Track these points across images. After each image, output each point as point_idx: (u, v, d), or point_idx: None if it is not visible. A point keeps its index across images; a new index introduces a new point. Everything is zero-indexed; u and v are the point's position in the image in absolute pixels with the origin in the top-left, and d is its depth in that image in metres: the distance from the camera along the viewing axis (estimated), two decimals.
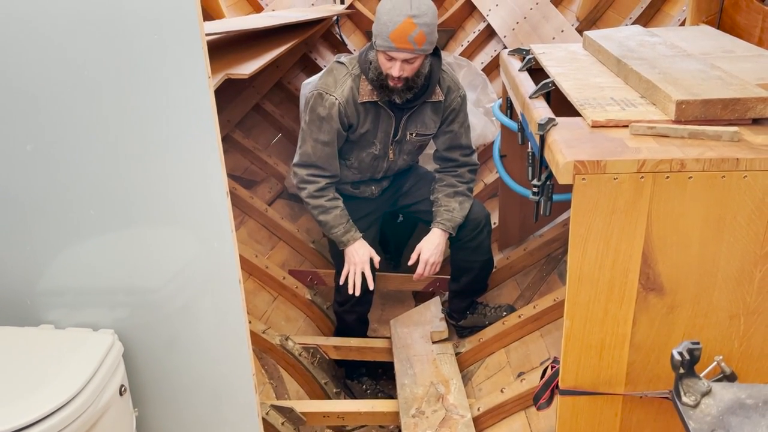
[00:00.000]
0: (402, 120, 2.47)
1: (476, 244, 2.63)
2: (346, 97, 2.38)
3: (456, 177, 2.58)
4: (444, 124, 2.55)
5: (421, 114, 2.49)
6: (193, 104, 1.47)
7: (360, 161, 2.57)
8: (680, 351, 1.00)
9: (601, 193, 1.44)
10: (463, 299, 2.79)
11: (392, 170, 2.65)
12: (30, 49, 1.45)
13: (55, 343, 1.62)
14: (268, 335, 2.68)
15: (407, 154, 2.61)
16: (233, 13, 3.92)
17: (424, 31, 2.21)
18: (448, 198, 2.55)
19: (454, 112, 2.53)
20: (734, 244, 1.47)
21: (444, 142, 2.58)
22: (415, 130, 2.51)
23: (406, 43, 2.22)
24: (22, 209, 1.61)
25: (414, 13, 2.19)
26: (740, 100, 1.55)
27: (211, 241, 1.62)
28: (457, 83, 2.54)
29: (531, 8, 3.89)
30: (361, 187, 2.67)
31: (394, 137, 2.51)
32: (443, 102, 2.50)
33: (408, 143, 2.55)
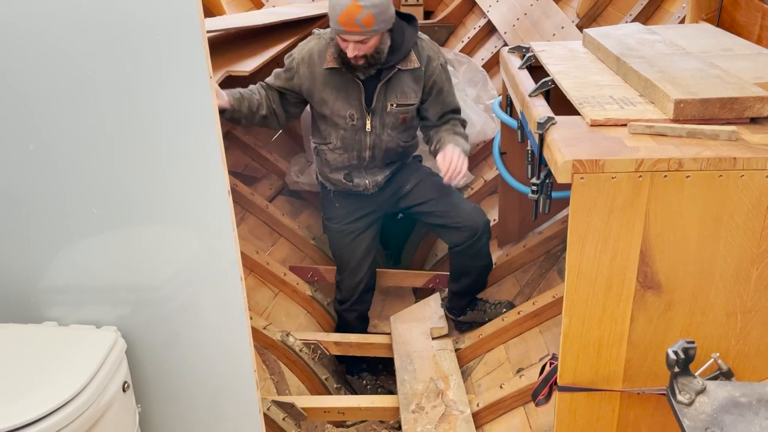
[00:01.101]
0: (377, 89, 2.46)
1: (475, 251, 2.65)
2: (303, 55, 2.49)
3: (452, 124, 2.57)
4: (430, 95, 2.54)
5: (399, 83, 2.48)
6: (194, 104, 1.48)
7: (341, 139, 2.56)
8: (675, 350, 1.02)
9: (600, 192, 1.46)
10: (463, 298, 2.81)
11: (380, 148, 2.57)
12: (32, 50, 1.46)
13: (58, 340, 1.64)
14: (269, 331, 2.70)
15: (391, 129, 2.55)
16: (233, 9, 3.93)
17: (372, 13, 2.23)
18: (449, 133, 2.51)
19: (437, 82, 2.53)
20: (731, 243, 1.48)
21: (435, 112, 2.57)
22: (395, 101, 2.50)
23: (353, 26, 2.25)
24: (25, 207, 1.62)
25: None
26: (738, 99, 1.56)
27: (213, 239, 1.63)
28: (436, 51, 2.54)
29: (531, 4, 3.88)
30: (354, 179, 2.64)
31: (369, 106, 2.49)
32: (423, 71, 2.49)
33: (389, 115, 2.52)
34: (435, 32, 4.48)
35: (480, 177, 3.57)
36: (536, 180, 1.78)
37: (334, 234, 2.80)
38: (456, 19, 4.50)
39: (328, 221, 2.81)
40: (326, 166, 2.67)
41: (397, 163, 2.71)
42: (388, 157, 2.64)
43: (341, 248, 2.79)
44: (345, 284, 2.84)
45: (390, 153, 2.63)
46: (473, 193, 3.52)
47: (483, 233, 2.63)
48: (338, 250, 2.82)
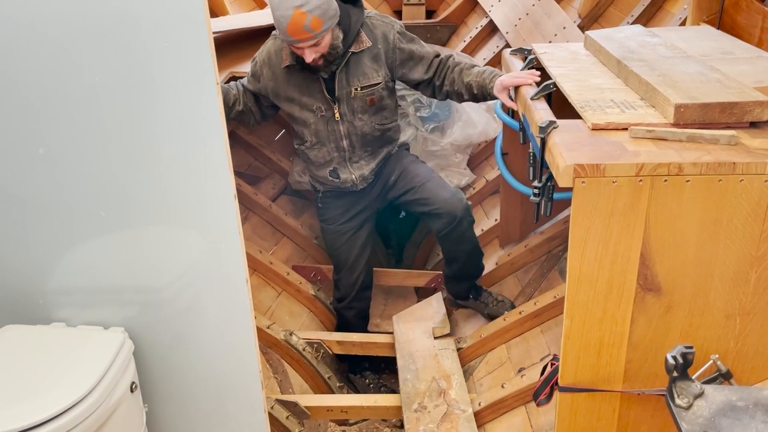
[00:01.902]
0: (335, 77, 2.47)
1: (457, 236, 2.66)
2: (263, 58, 2.52)
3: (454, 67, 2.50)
4: (404, 65, 2.52)
5: (357, 65, 2.48)
6: (201, 108, 1.50)
7: (315, 134, 2.57)
8: (674, 355, 1.04)
9: (601, 195, 1.48)
10: (459, 282, 2.86)
11: (356, 134, 2.56)
12: (41, 57, 1.49)
13: (67, 340, 1.66)
14: (272, 330, 2.73)
15: (362, 113, 2.54)
16: (236, 9, 3.94)
17: (316, 15, 2.22)
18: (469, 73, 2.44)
19: (403, 50, 2.50)
20: (730, 246, 1.50)
21: (421, 72, 2.53)
22: (358, 84, 2.49)
23: (303, 33, 2.24)
24: (35, 210, 1.65)
25: (299, 3, 2.19)
26: (738, 104, 1.58)
27: (219, 241, 1.65)
28: (389, 23, 2.51)
29: (533, 4, 3.89)
30: (340, 175, 2.65)
31: (332, 95, 2.50)
32: (381, 48, 2.48)
33: (356, 99, 2.50)
34: (437, 31, 4.50)
35: (482, 177, 3.59)
36: (538, 183, 1.80)
37: (329, 235, 2.84)
38: (458, 19, 4.51)
39: (323, 222, 2.85)
40: (311, 164, 2.70)
41: (381, 152, 2.69)
42: (367, 143, 2.62)
43: (337, 248, 2.83)
44: (343, 282, 2.89)
45: (368, 139, 2.61)
46: (475, 193, 3.54)
47: (462, 218, 2.63)
48: (334, 250, 2.86)
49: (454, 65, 2.50)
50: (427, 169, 2.79)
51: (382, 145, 2.69)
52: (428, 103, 3.47)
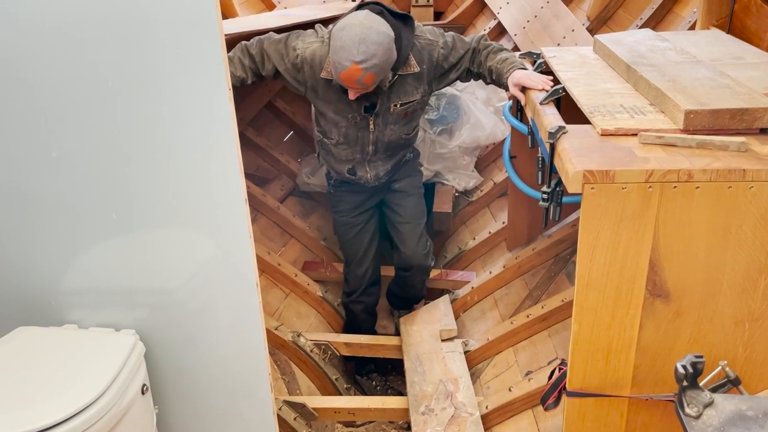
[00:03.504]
0: (379, 97, 2.47)
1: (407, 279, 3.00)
2: (306, 56, 2.41)
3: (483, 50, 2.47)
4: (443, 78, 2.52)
5: (401, 86, 2.47)
6: (213, 113, 1.51)
7: (344, 135, 2.58)
8: (684, 364, 1.04)
9: (610, 201, 1.48)
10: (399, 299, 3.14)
11: (383, 142, 2.61)
12: (56, 60, 1.50)
13: (79, 342, 1.68)
14: (280, 332, 2.74)
15: (395, 124, 2.57)
16: (246, 11, 3.96)
17: (372, 72, 2.21)
18: (493, 57, 2.42)
19: (444, 65, 2.49)
20: (739, 253, 1.50)
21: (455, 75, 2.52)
22: (398, 101, 2.50)
23: (354, 84, 2.25)
24: (48, 212, 1.67)
25: (360, 59, 2.17)
26: (748, 111, 1.58)
27: (230, 244, 1.66)
28: (433, 41, 2.46)
29: (542, 6, 3.89)
30: (357, 173, 2.69)
31: (371, 110, 2.50)
32: (425, 69, 2.46)
33: (393, 114, 2.53)
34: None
35: (489, 179, 3.60)
36: (547, 188, 1.81)
37: (341, 227, 2.90)
38: (466, 21, 4.52)
39: (335, 214, 2.92)
40: (332, 157, 2.72)
41: (398, 155, 2.74)
42: (390, 149, 2.67)
43: (348, 240, 2.90)
44: (352, 276, 2.94)
45: (392, 145, 2.66)
46: (483, 195, 3.55)
47: (417, 269, 2.88)
48: (345, 242, 2.94)
49: (483, 48, 2.47)
50: (414, 210, 2.87)
51: (401, 149, 2.74)
52: (436, 106, 3.48)
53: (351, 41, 2.17)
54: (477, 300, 3.02)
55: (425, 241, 2.90)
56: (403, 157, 2.79)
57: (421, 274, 2.96)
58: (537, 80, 2.13)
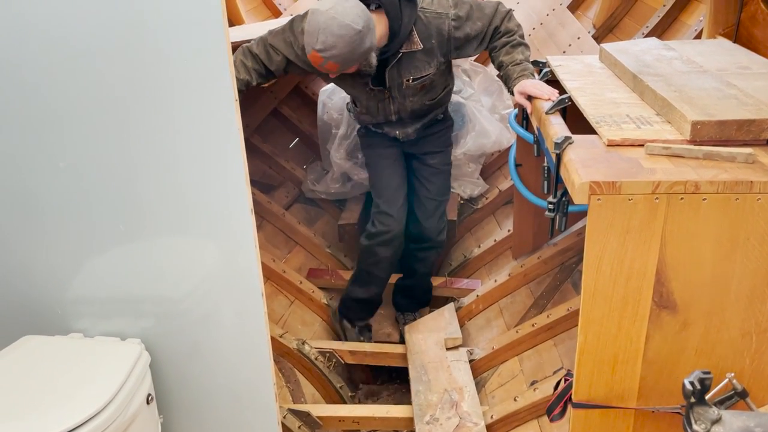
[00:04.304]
0: (386, 73, 2.46)
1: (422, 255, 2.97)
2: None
3: (504, 35, 2.44)
4: (461, 48, 2.47)
5: (409, 62, 2.46)
6: (219, 124, 1.52)
7: (366, 106, 2.65)
8: (691, 380, 1.03)
9: (616, 213, 1.47)
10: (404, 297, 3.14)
11: (406, 111, 2.63)
12: (65, 71, 1.51)
13: (84, 352, 1.68)
14: (285, 339, 2.74)
15: (413, 96, 2.57)
16: (252, 17, 3.98)
17: (334, 61, 2.21)
18: (509, 53, 2.40)
19: (457, 39, 2.43)
20: (747, 265, 1.50)
21: (473, 48, 2.49)
22: (410, 76, 2.49)
23: (320, 68, 2.28)
24: (55, 221, 1.68)
25: (319, 48, 2.18)
26: (755, 122, 1.57)
27: (235, 253, 1.67)
28: (442, 14, 2.41)
29: (547, 14, 3.90)
30: (384, 129, 2.76)
31: (382, 85, 2.51)
32: (435, 44, 2.43)
33: (409, 88, 2.53)
34: None
35: (495, 187, 3.59)
36: (553, 198, 1.80)
37: (373, 159, 2.89)
38: None
39: (366, 149, 2.94)
40: (359, 115, 2.78)
41: (429, 115, 2.74)
42: (415, 114, 2.70)
43: (379, 173, 2.86)
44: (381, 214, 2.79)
45: (417, 112, 2.68)
46: (488, 203, 3.54)
47: (431, 245, 2.93)
48: (376, 176, 2.87)
49: (505, 33, 2.43)
50: (442, 187, 2.91)
51: (429, 111, 2.73)
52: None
53: (313, 28, 2.18)
54: (482, 308, 3.01)
55: (445, 219, 2.93)
56: (435, 116, 2.78)
57: (435, 250, 2.98)
58: (543, 90, 2.13)
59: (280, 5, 4.22)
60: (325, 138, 3.57)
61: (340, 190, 3.54)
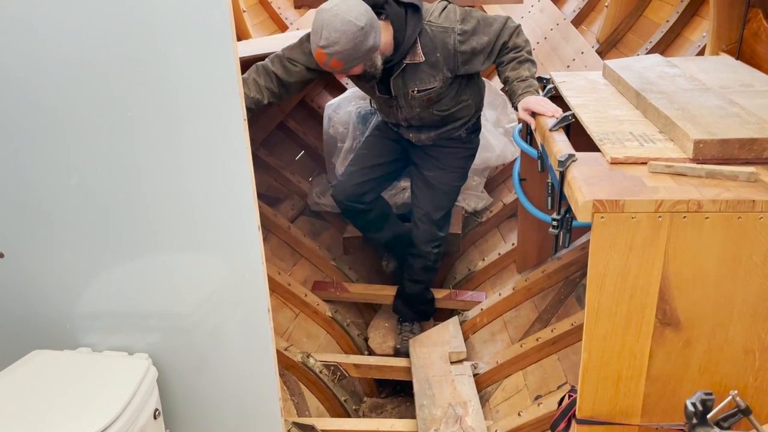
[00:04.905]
0: (390, 82, 2.52)
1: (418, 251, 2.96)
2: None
3: (511, 51, 2.47)
4: (468, 62, 2.49)
5: (414, 73, 2.49)
6: (228, 142, 1.54)
7: (379, 109, 2.80)
8: (693, 401, 1.04)
9: (620, 231, 1.49)
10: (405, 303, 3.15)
11: (413, 117, 2.67)
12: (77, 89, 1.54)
13: (92, 367, 1.70)
14: (290, 352, 2.75)
15: (420, 107, 2.60)
16: (259, 32, 4.02)
17: (337, 58, 2.26)
18: (515, 69, 2.43)
19: (463, 53, 2.46)
20: (749, 283, 1.50)
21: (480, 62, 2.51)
22: (415, 87, 2.53)
23: (324, 66, 2.33)
24: (65, 237, 1.70)
25: (323, 44, 2.23)
26: (757, 141, 1.58)
27: (243, 269, 1.69)
28: (448, 27, 2.43)
29: (551, 29, 3.93)
30: (399, 129, 2.83)
31: (388, 94, 2.57)
32: (440, 57, 2.46)
33: (414, 98, 2.57)
34: None
35: (499, 200, 3.61)
36: (557, 215, 1.81)
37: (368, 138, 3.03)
38: None
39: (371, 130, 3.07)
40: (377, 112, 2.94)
41: (444, 128, 2.75)
42: (426, 124, 2.73)
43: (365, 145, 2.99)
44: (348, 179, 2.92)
45: (427, 121, 2.70)
46: (492, 216, 3.56)
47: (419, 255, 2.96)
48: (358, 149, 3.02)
49: (513, 48, 2.46)
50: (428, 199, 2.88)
51: (445, 123, 2.74)
52: None
53: (317, 26, 2.24)
54: (486, 322, 3.01)
55: (435, 232, 2.91)
56: (453, 130, 2.77)
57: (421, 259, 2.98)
58: (547, 107, 2.15)
59: (286, 19, 4.26)
60: (330, 151, 3.60)
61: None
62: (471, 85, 2.68)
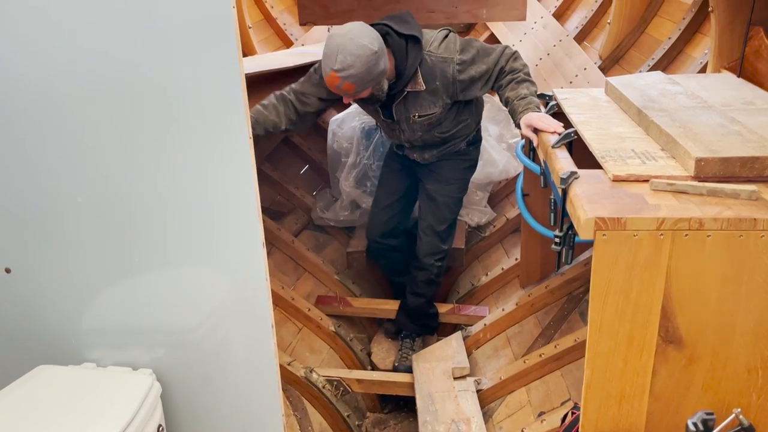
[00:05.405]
0: (393, 108, 2.63)
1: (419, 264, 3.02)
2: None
3: (508, 74, 2.53)
4: (467, 90, 2.58)
5: (415, 100, 2.60)
6: (234, 158, 1.55)
7: (383, 128, 2.89)
8: (695, 421, 1.05)
9: (622, 248, 1.49)
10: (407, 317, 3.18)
11: (416, 139, 2.78)
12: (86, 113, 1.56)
13: (97, 382, 1.70)
14: (293, 367, 2.75)
15: (421, 131, 2.72)
16: (264, 48, 4.05)
17: (350, 81, 2.34)
18: (514, 89, 2.46)
19: (462, 82, 2.55)
20: (752, 300, 1.51)
21: (479, 88, 2.59)
22: (416, 113, 2.64)
23: (336, 89, 2.40)
24: (71, 253, 1.71)
25: (337, 68, 2.31)
26: (759, 159, 1.59)
27: (246, 285, 1.69)
28: (448, 58, 2.52)
29: (554, 45, 3.95)
30: (405, 150, 2.93)
31: (391, 119, 2.69)
32: (439, 85, 2.55)
33: (416, 123, 2.68)
34: None
35: (502, 215, 3.61)
36: (559, 232, 1.82)
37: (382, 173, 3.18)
38: None
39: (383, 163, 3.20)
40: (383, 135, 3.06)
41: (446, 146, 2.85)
42: (428, 145, 2.83)
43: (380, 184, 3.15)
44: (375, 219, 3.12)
45: (429, 142, 2.81)
46: (495, 230, 3.56)
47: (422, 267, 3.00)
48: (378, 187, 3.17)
49: (510, 71, 2.52)
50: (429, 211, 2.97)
51: (446, 142, 2.84)
52: None
53: (332, 50, 2.32)
54: (490, 337, 3.01)
55: (437, 245, 2.98)
56: (454, 146, 2.87)
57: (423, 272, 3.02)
58: (549, 123, 2.17)
59: (291, 35, 4.30)
60: (334, 166, 3.62)
61: (348, 217, 3.58)
62: (470, 106, 2.78)
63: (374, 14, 3.25)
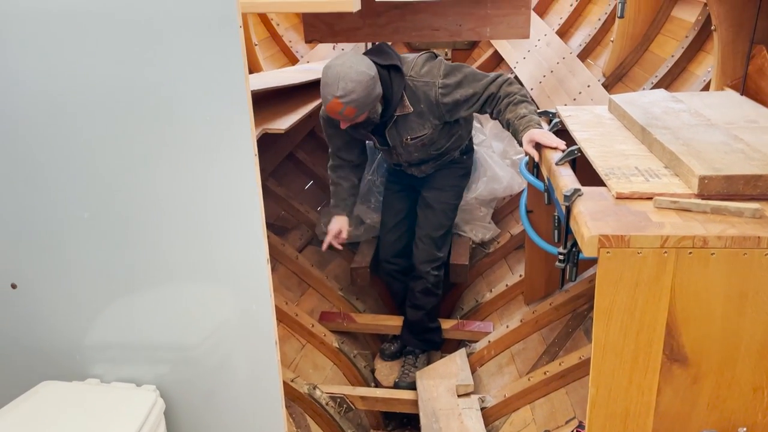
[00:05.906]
0: (385, 133, 2.78)
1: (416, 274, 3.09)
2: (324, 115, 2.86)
3: (504, 98, 2.56)
4: (455, 110, 2.69)
5: (405, 123, 2.73)
6: (239, 175, 1.56)
7: (382, 155, 3.12)
8: None
9: (626, 266, 1.50)
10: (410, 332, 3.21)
11: (413, 160, 2.94)
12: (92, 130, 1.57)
13: (101, 398, 1.70)
14: (296, 384, 2.74)
15: (416, 151, 2.87)
16: (270, 65, 4.09)
17: (352, 106, 2.49)
18: (513, 111, 2.49)
19: (446, 104, 2.66)
20: (756, 319, 1.50)
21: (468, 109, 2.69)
22: (408, 135, 2.78)
23: (337, 116, 2.53)
24: (75, 269, 1.72)
25: (340, 94, 2.45)
26: (762, 177, 1.60)
27: (250, 302, 1.70)
28: (430, 81, 2.65)
29: (558, 62, 3.97)
30: (402, 167, 3.07)
31: (386, 145, 2.86)
32: (425, 108, 2.68)
33: (409, 145, 2.83)
34: None
35: (506, 231, 3.61)
36: (563, 249, 1.82)
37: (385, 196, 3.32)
38: None
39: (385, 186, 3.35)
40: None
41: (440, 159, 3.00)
42: (425, 161, 2.98)
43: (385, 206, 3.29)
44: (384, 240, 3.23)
45: (425, 159, 2.96)
46: (500, 247, 3.56)
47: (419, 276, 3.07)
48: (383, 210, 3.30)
49: (504, 96, 2.57)
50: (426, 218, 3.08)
51: (442, 155, 2.99)
52: None
53: (332, 79, 2.47)
54: (494, 354, 3.00)
55: (434, 254, 3.07)
56: (449, 156, 3.02)
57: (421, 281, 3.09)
58: (551, 140, 2.18)
59: (297, 52, 4.34)
60: None
61: (352, 233, 3.58)
62: (459, 121, 2.88)
63: (379, 32, 3.28)
